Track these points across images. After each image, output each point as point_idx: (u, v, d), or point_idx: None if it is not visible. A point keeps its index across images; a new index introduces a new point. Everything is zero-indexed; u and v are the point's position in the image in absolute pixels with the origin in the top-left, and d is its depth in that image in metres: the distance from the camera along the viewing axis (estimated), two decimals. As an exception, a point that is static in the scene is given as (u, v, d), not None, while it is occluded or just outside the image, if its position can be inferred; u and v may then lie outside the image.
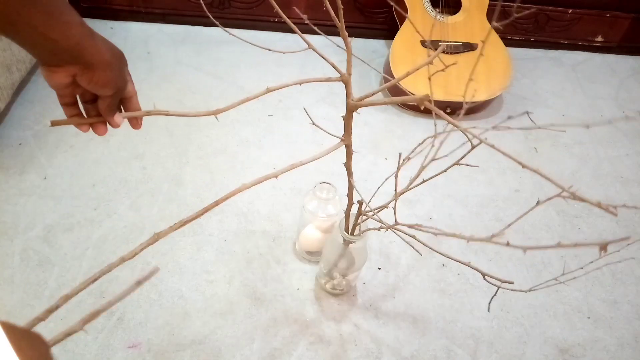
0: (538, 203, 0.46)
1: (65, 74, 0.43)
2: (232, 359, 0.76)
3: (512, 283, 0.51)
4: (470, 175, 1.10)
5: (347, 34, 0.45)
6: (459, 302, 0.87)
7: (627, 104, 1.36)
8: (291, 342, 0.79)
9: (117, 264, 0.46)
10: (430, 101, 0.41)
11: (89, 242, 0.88)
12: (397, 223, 0.61)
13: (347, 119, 0.52)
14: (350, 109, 0.50)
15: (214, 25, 1.43)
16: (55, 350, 0.77)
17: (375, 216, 0.65)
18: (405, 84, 1.17)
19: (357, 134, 1.18)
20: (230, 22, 1.43)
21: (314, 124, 0.58)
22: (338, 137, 0.55)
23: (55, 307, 0.43)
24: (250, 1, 1.39)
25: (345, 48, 0.47)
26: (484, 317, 0.85)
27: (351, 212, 0.70)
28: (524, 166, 0.36)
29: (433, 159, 0.60)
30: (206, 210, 0.48)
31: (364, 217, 0.70)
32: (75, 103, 0.49)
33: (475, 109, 1.27)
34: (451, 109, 1.20)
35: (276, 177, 0.50)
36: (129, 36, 1.36)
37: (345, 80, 0.48)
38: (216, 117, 0.49)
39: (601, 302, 0.90)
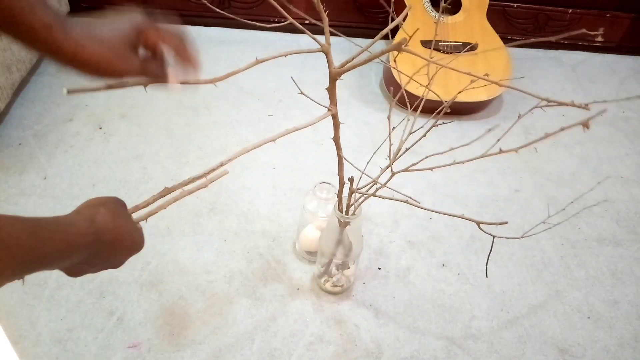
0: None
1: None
2: (232, 359, 0.76)
3: (506, 223, 0.52)
4: (470, 175, 1.10)
5: (322, 7, 0.47)
6: (459, 302, 0.87)
7: (627, 104, 1.36)
8: (291, 342, 0.79)
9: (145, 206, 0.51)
10: (407, 45, 0.42)
11: (89, 242, 0.88)
12: (393, 173, 0.63)
13: (331, 89, 0.54)
14: (333, 77, 0.52)
15: (214, 25, 1.43)
16: (55, 351, 0.78)
17: (367, 192, 0.66)
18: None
19: (357, 133, 1.18)
20: (230, 22, 1.43)
21: (301, 92, 0.60)
22: (325, 107, 0.56)
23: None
24: (250, 1, 1.39)
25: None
26: (484, 317, 0.85)
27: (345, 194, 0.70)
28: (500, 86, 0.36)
29: (410, 132, 0.62)
30: (212, 170, 0.51)
31: (357, 195, 0.70)
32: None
33: (475, 109, 1.27)
34: (451, 108, 1.20)
35: (274, 141, 0.53)
36: (129, 36, 1.36)
37: (325, 50, 0.50)
38: (219, 85, 0.49)
39: (601, 302, 0.90)
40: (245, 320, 0.81)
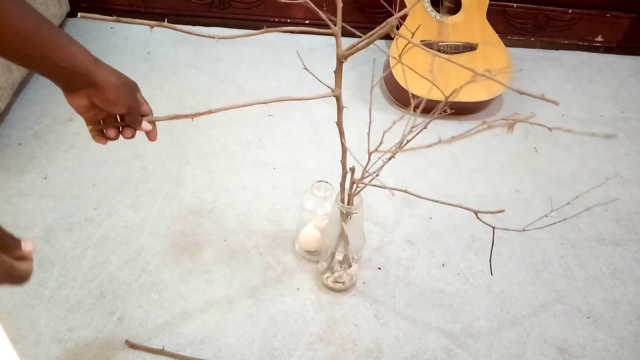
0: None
1: (82, 96, 0.52)
2: (232, 359, 0.76)
3: (503, 211, 0.52)
4: (471, 175, 1.10)
5: None
6: (459, 302, 0.87)
7: (627, 104, 1.36)
8: (291, 342, 0.79)
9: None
10: (400, 24, 0.43)
11: (89, 242, 0.88)
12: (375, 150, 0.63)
13: (338, 71, 0.56)
14: (339, 59, 0.54)
15: (214, 25, 1.43)
16: (55, 351, 0.78)
17: (369, 183, 0.66)
18: (404, 82, 1.17)
19: (357, 133, 1.18)
20: (230, 22, 1.43)
21: (305, 68, 0.61)
22: (329, 87, 0.57)
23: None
24: (250, 1, 1.39)
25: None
26: (484, 317, 0.85)
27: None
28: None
29: (413, 127, 0.63)
30: (199, 114, 0.56)
31: (359, 186, 0.70)
32: (100, 125, 0.59)
33: (475, 109, 1.27)
34: (451, 108, 1.20)
35: (266, 103, 0.55)
36: (129, 36, 1.36)
37: (335, 32, 0.53)
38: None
39: (601, 302, 0.90)
40: (245, 320, 0.81)
